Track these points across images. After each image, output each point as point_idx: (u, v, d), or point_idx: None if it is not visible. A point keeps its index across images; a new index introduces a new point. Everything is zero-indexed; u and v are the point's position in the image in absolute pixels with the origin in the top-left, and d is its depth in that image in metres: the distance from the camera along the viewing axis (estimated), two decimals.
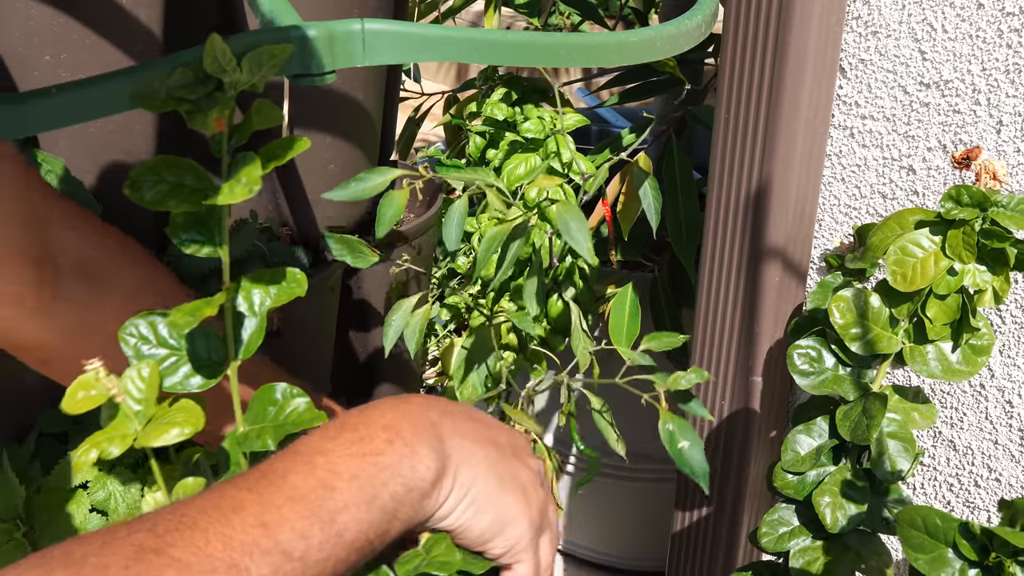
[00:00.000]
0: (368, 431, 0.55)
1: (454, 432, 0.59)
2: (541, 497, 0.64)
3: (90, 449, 0.57)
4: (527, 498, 0.62)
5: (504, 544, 0.61)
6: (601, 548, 1.79)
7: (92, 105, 0.53)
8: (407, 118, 1.79)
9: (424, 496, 0.55)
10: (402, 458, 0.54)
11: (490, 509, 0.60)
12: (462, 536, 0.60)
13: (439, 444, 0.57)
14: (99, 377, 0.57)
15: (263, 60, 0.54)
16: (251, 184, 0.52)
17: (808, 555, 0.86)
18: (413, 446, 0.55)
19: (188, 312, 0.54)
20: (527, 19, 1.50)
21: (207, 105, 0.53)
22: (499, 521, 0.60)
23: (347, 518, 0.50)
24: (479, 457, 0.60)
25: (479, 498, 0.59)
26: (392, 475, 0.53)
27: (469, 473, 0.59)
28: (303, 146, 0.55)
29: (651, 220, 0.99)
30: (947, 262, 0.77)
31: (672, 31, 0.75)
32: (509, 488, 0.61)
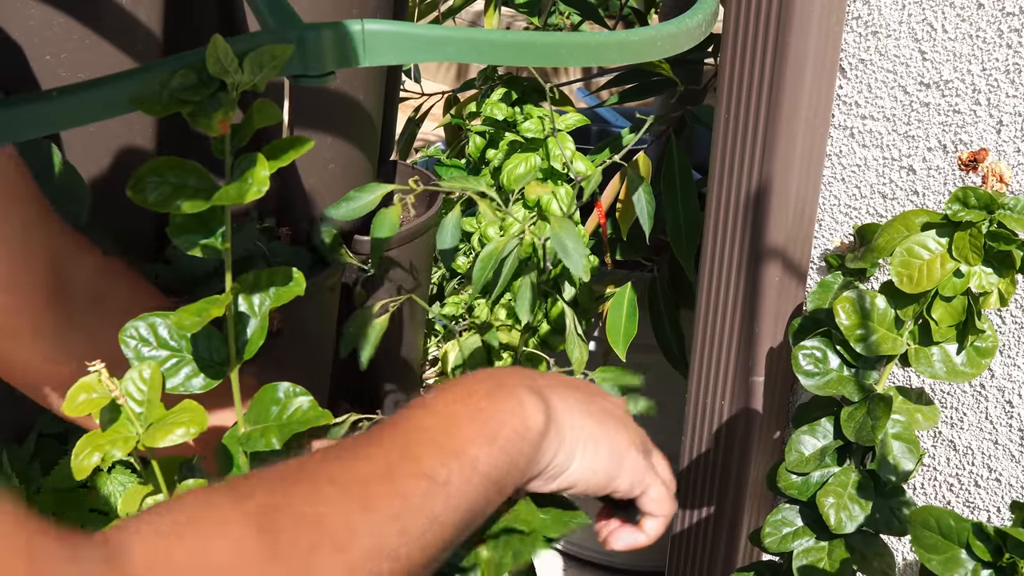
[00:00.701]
0: (467, 389, 0.56)
1: (545, 385, 0.60)
2: (635, 425, 0.66)
3: (92, 452, 0.57)
4: (627, 427, 0.64)
5: (628, 477, 0.62)
6: (601, 548, 1.79)
7: (93, 108, 0.53)
8: (407, 118, 1.78)
9: (541, 436, 0.56)
10: (511, 403, 0.56)
11: (603, 445, 0.61)
12: (591, 480, 0.61)
13: (540, 392, 0.59)
14: (101, 379, 0.57)
15: (264, 61, 0.54)
16: (259, 185, 0.52)
17: (812, 555, 0.86)
18: (517, 394, 0.57)
19: (194, 312, 0.54)
20: (527, 19, 1.50)
21: (210, 107, 0.53)
22: (616, 455, 0.61)
23: (476, 451, 0.52)
24: (573, 403, 0.61)
25: (591, 439, 0.60)
26: (504, 419, 0.55)
27: (573, 418, 0.60)
28: (306, 147, 0.55)
29: (644, 225, 1.00)
30: (953, 264, 0.77)
31: (673, 30, 0.75)
32: (609, 424, 0.62)
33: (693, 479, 1.14)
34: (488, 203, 0.84)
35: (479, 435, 0.53)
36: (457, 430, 0.53)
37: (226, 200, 0.54)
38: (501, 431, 0.54)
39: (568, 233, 0.77)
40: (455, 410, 0.54)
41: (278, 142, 0.57)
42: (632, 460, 0.63)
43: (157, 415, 0.59)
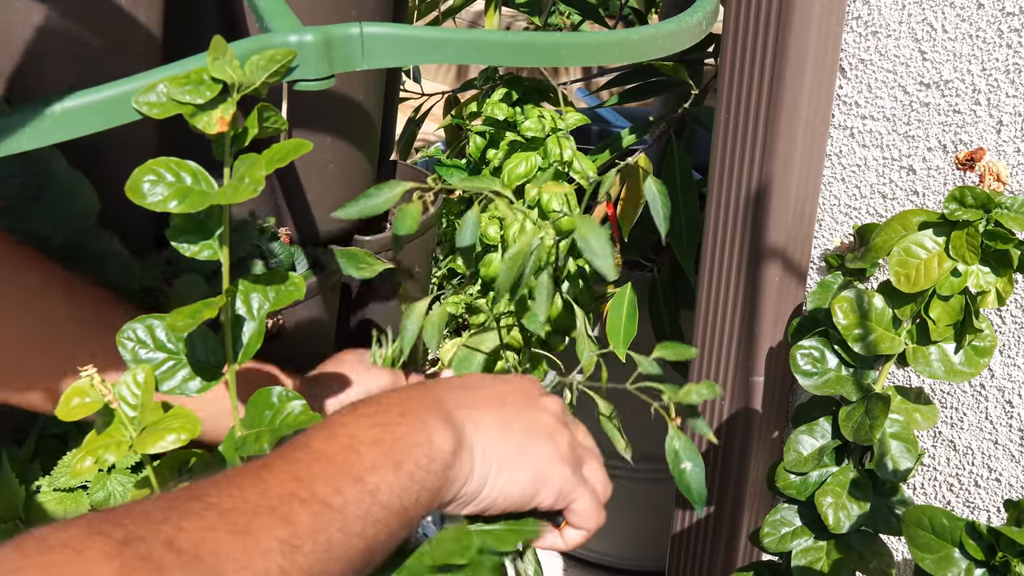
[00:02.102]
0: (380, 407, 0.55)
1: (460, 405, 0.59)
2: (567, 433, 0.64)
3: (85, 457, 0.57)
4: (553, 440, 0.62)
5: (551, 493, 0.61)
6: (601, 548, 1.79)
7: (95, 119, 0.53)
8: (407, 118, 1.78)
9: (447, 467, 0.55)
10: (417, 430, 0.54)
11: (521, 467, 0.59)
12: (506, 502, 0.59)
13: (449, 417, 0.57)
14: (93, 384, 0.57)
15: (267, 64, 0.54)
16: (254, 184, 0.52)
17: (810, 555, 0.86)
18: (425, 420, 0.55)
19: (187, 315, 0.54)
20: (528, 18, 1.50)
21: (211, 107, 0.53)
22: (536, 474, 0.60)
23: (376, 479, 0.50)
24: (491, 422, 0.59)
25: (506, 461, 0.59)
26: (411, 444, 0.53)
27: (486, 441, 0.58)
28: (305, 148, 0.55)
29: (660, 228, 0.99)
30: (951, 263, 0.77)
31: (673, 28, 0.75)
32: (532, 439, 0.61)
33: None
34: (505, 202, 0.84)
35: (381, 462, 0.51)
36: (357, 457, 0.50)
37: (222, 199, 0.54)
38: (406, 460, 0.52)
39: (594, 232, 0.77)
40: (357, 435, 0.52)
41: (278, 144, 0.57)
42: (557, 476, 0.61)
43: (150, 419, 0.58)
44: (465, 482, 0.57)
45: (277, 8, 0.60)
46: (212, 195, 0.54)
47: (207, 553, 0.41)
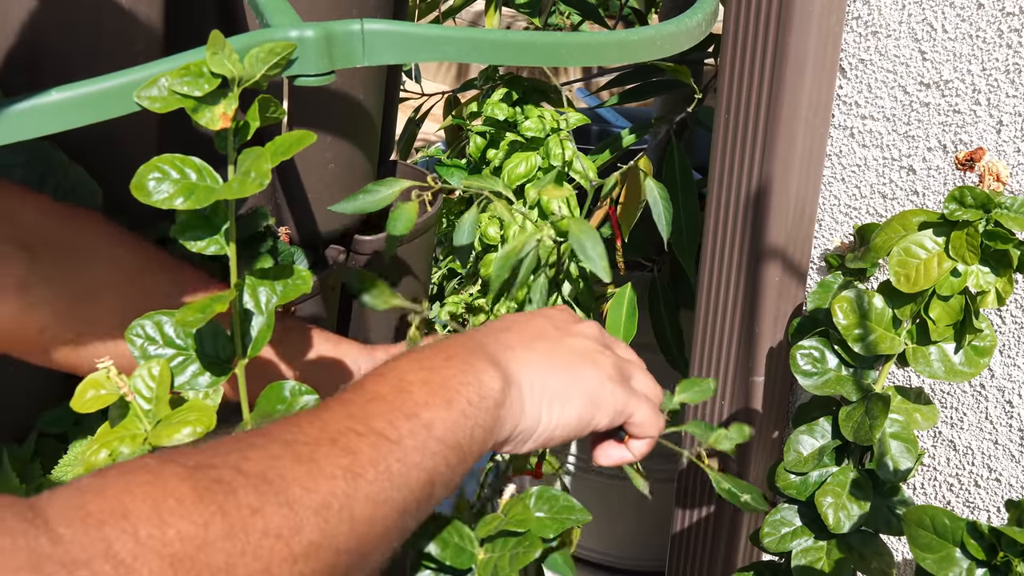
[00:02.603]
0: (425, 354, 0.56)
1: (503, 347, 0.60)
2: (609, 354, 0.65)
3: (100, 449, 0.57)
4: (596, 363, 0.63)
5: (607, 414, 0.62)
6: (601, 548, 1.79)
7: (94, 108, 0.53)
8: (407, 118, 1.79)
9: (498, 405, 0.56)
10: (464, 371, 0.55)
11: (571, 396, 0.60)
12: (564, 432, 0.60)
13: (494, 359, 0.58)
14: (109, 376, 0.57)
15: (266, 57, 0.54)
16: (260, 178, 0.52)
17: (810, 555, 0.86)
18: (471, 362, 0.56)
19: (197, 310, 0.54)
20: (527, 18, 1.50)
21: (212, 101, 0.53)
22: (588, 399, 0.61)
23: (430, 415, 0.51)
24: (534, 359, 0.60)
25: (556, 394, 0.60)
26: (460, 383, 0.54)
27: (533, 378, 0.59)
28: (308, 140, 0.55)
29: (662, 231, 0.98)
30: (950, 263, 0.77)
31: (672, 30, 0.75)
32: (577, 367, 0.62)
33: (693, 479, 1.14)
34: (504, 203, 0.84)
35: (432, 399, 0.52)
36: (408, 396, 0.52)
37: (228, 194, 0.54)
38: (456, 398, 0.53)
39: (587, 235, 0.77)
40: (407, 377, 0.53)
41: (281, 137, 0.57)
42: (608, 396, 0.62)
43: (165, 412, 0.59)
44: (518, 420, 0.58)
45: (277, 5, 0.60)
46: (218, 190, 0.54)
47: (275, 477, 0.42)
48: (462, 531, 0.63)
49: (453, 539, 0.63)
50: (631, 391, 0.65)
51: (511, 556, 0.61)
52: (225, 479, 0.40)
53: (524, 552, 0.61)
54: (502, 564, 0.61)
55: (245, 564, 0.38)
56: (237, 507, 0.39)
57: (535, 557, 0.61)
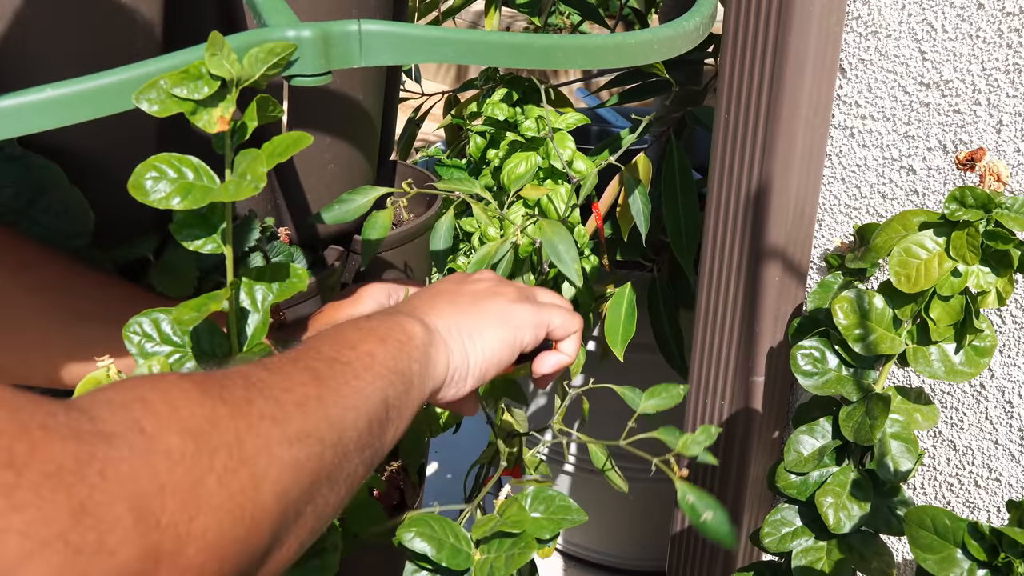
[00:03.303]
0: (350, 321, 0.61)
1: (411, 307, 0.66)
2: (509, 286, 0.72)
3: None
4: (500, 294, 0.70)
5: (527, 332, 0.68)
6: (601, 548, 1.79)
7: (88, 104, 0.53)
8: (407, 118, 1.78)
9: (425, 344, 0.61)
10: (387, 322, 0.61)
11: (487, 325, 0.66)
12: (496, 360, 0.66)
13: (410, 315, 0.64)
14: (109, 375, 0.58)
15: (266, 57, 0.54)
16: (256, 181, 0.52)
17: (811, 555, 0.86)
18: (392, 316, 0.62)
19: (193, 308, 0.54)
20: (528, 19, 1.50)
21: (211, 104, 0.53)
22: (503, 325, 0.67)
23: (369, 347, 0.56)
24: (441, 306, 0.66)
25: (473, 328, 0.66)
26: (387, 328, 0.60)
27: (448, 322, 0.65)
28: (305, 142, 0.55)
29: (640, 228, 1.00)
30: (951, 263, 0.77)
31: (670, 33, 0.75)
32: (482, 304, 0.68)
33: (693, 479, 1.14)
34: (481, 206, 0.84)
35: (367, 338, 0.57)
36: (345, 336, 0.57)
37: (224, 196, 0.54)
38: (388, 337, 0.58)
39: (560, 237, 0.77)
40: (342, 328, 0.59)
41: (278, 138, 0.57)
42: (519, 314, 0.68)
43: None
44: (448, 359, 0.63)
45: (275, 5, 0.60)
46: (214, 191, 0.54)
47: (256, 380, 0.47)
48: (458, 532, 0.63)
49: (449, 540, 0.63)
50: (539, 304, 0.71)
51: (507, 557, 0.61)
52: (216, 380, 0.46)
53: (520, 553, 0.61)
54: (498, 565, 0.61)
55: (250, 439, 0.43)
56: (234, 397, 0.44)
57: (531, 558, 0.61)
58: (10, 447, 0.32)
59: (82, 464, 0.34)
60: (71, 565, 0.32)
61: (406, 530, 0.64)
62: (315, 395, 0.49)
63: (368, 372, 0.54)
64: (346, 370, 0.53)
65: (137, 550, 0.34)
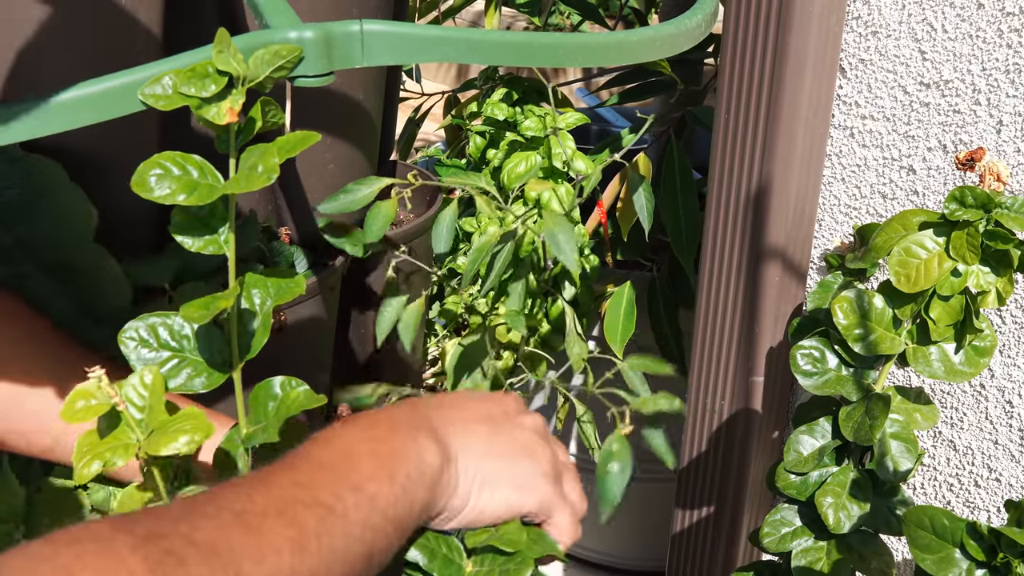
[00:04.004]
0: (371, 422, 0.57)
1: (446, 423, 0.61)
2: (547, 450, 0.66)
3: (92, 460, 0.56)
4: (534, 456, 0.64)
5: (533, 505, 0.63)
6: (601, 548, 1.79)
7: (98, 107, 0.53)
8: (407, 118, 1.78)
9: (435, 482, 0.57)
10: (407, 445, 0.56)
11: (503, 483, 0.62)
12: (491, 516, 0.62)
13: (436, 435, 0.59)
14: (100, 385, 0.57)
15: (271, 59, 0.54)
16: (268, 172, 0.52)
17: (810, 555, 0.86)
18: (414, 436, 0.58)
19: (201, 306, 0.54)
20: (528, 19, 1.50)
21: (218, 99, 0.53)
22: (517, 489, 0.62)
23: (374, 488, 0.52)
24: (475, 439, 0.62)
25: (489, 478, 0.61)
26: (403, 457, 0.55)
27: (470, 459, 0.61)
28: (313, 139, 0.55)
29: (644, 222, 1.00)
30: (951, 263, 0.77)
31: (672, 31, 0.75)
32: (513, 456, 0.63)
33: (693, 479, 1.14)
34: (487, 199, 0.84)
35: (377, 473, 0.53)
36: (355, 467, 0.53)
37: (235, 188, 0.54)
38: (399, 472, 0.54)
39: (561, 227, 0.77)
40: (354, 448, 0.54)
41: (287, 136, 0.57)
42: (538, 490, 0.63)
43: (158, 421, 0.58)
44: (450, 498, 0.59)
45: (277, 5, 0.60)
46: (222, 186, 0.54)
47: (224, 549, 0.43)
48: (450, 542, 0.62)
49: (441, 550, 0.62)
50: (560, 494, 0.65)
51: (501, 572, 0.60)
52: (176, 550, 0.41)
53: (515, 570, 0.60)
54: None
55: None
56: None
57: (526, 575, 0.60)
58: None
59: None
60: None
61: None
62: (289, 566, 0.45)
63: (360, 526, 0.51)
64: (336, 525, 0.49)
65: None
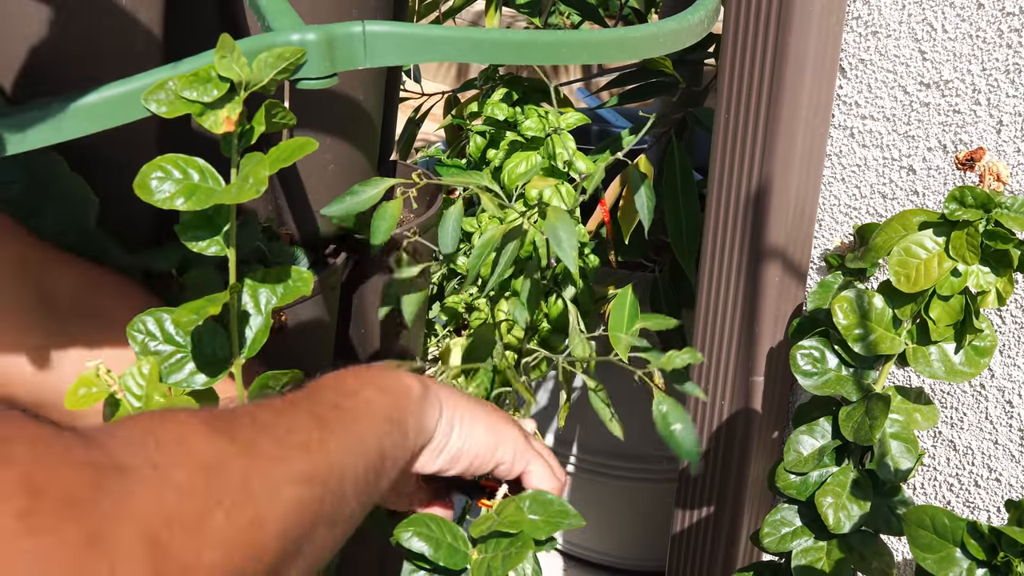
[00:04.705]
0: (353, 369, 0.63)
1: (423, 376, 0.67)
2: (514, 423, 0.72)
3: None
4: (505, 419, 0.71)
5: (510, 449, 0.68)
6: (601, 548, 1.79)
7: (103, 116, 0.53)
8: (407, 118, 1.79)
9: (422, 403, 0.63)
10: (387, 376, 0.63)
11: (480, 421, 0.67)
12: (473, 450, 0.67)
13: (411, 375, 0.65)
14: (100, 374, 0.58)
15: (275, 62, 0.54)
16: (258, 185, 0.52)
17: (811, 555, 0.86)
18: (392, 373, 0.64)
19: (192, 310, 0.55)
20: (528, 19, 1.50)
21: (217, 106, 0.53)
22: (493, 430, 0.68)
23: (369, 395, 0.58)
24: (451, 392, 0.68)
25: (467, 412, 0.67)
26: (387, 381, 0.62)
27: (447, 394, 0.66)
28: (310, 147, 0.55)
29: (644, 221, 1.00)
30: (951, 263, 0.77)
31: (674, 27, 0.75)
32: (483, 406, 0.69)
33: (693, 479, 1.14)
34: (491, 197, 0.84)
35: (367, 386, 0.59)
36: (346, 384, 0.59)
37: (227, 199, 0.54)
38: (387, 387, 0.61)
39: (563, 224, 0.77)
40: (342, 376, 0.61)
41: (284, 143, 0.57)
42: (511, 435, 0.69)
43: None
44: (438, 419, 0.64)
45: (279, 7, 0.60)
46: (218, 193, 0.55)
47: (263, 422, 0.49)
48: (455, 531, 0.64)
49: (446, 539, 0.63)
50: (531, 448, 0.71)
51: (503, 556, 0.61)
52: (225, 419, 0.48)
53: (516, 553, 0.61)
54: (495, 564, 0.61)
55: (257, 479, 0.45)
56: (241, 437, 0.46)
57: (528, 558, 0.61)
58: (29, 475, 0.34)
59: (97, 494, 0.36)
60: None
61: (404, 529, 0.64)
62: (318, 438, 0.51)
63: (368, 419, 0.57)
64: (347, 417, 0.55)
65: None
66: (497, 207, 0.84)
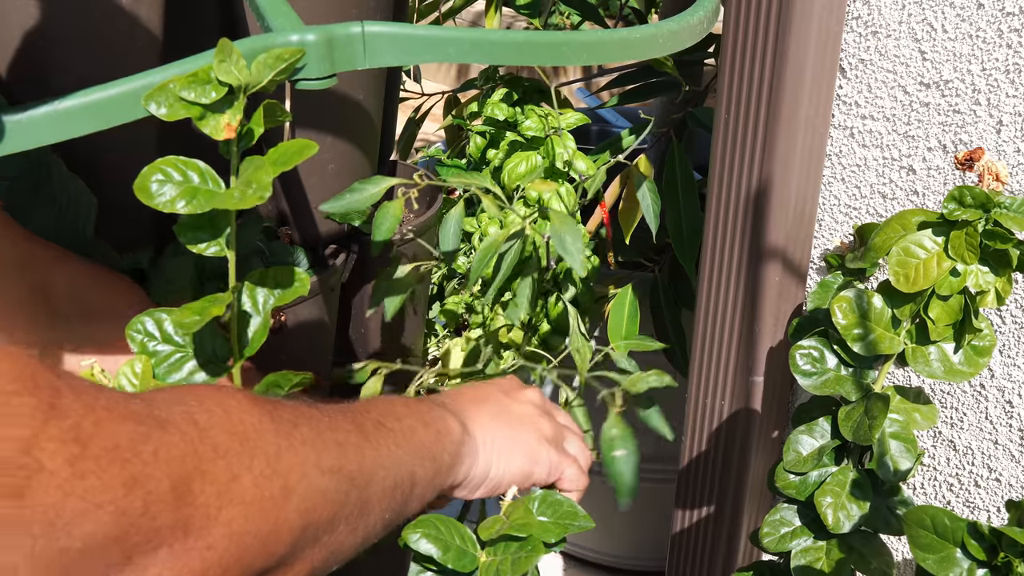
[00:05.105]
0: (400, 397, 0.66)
1: (457, 407, 0.70)
2: (548, 417, 0.76)
3: None
4: (537, 426, 0.73)
5: (543, 469, 0.72)
6: (601, 548, 1.79)
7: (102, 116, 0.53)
8: (407, 118, 1.79)
9: (460, 443, 0.65)
10: (432, 411, 0.65)
11: (515, 452, 0.70)
12: (509, 481, 0.70)
13: (453, 413, 0.67)
14: (94, 373, 0.58)
15: (273, 63, 0.54)
16: (261, 191, 0.52)
17: (810, 555, 0.86)
18: (435, 409, 0.66)
19: (195, 311, 0.55)
20: (528, 20, 1.50)
21: (218, 110, 0.53)
22: (528, 456, 0.71)
23: (411, 422, 0.61)
24: (484, 418, 0.70)
25: (503, 448, 0.69)
26: (431, 417, 0.64)
27: (485, 433, 0.69)
28: (310, 151, 0.55)
29: (650, 224, 1.00)
30: (950, 263, 0.77)
31: (674, 27, 0.75)
32: (520, 429, 0.72)
33: (693, 479, 1.14)
34: (492, 198, 0.84)
35: (413, 415, 0.62)
36: (393, 408, 0.61)
37: (228, 204, 0.54)
38: (430, 423, 0.63)
39: (568, 229, 0.77)
40: (392, 400, 0.64)
41: (284, 146, 0.57)
42: (544, 455, 0.72)
43: None
44: (473, 463, 0.66)
45: (278, 7, 0.60)
46: (220, 198, 0.55)
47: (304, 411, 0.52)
48: (464, 534, 0.64)
49: (455, 542, 0.63)
50: (563, 453, 0.75)
51: (513, 560, 0.61)
52: (269, 400, 0.50)
53: (526, 556, 0.61)
54: (504, 568, 0.61)
55: (288, 456, 0.47)
56: (281, 418, 0.49)
57: (537, 561, 0.61)
58: (78, 424, 0.37)
59: (138, 443, 0.40)
60: (117, 524, 0.38)
61: (412, 531, 0.64)
62: (355, 442, 0.54)
63: (407, 445, 0.59)
64: (387, 436, 0.57)
65: (172, 519, 0.40)
66: (497, 208, 0.85)
